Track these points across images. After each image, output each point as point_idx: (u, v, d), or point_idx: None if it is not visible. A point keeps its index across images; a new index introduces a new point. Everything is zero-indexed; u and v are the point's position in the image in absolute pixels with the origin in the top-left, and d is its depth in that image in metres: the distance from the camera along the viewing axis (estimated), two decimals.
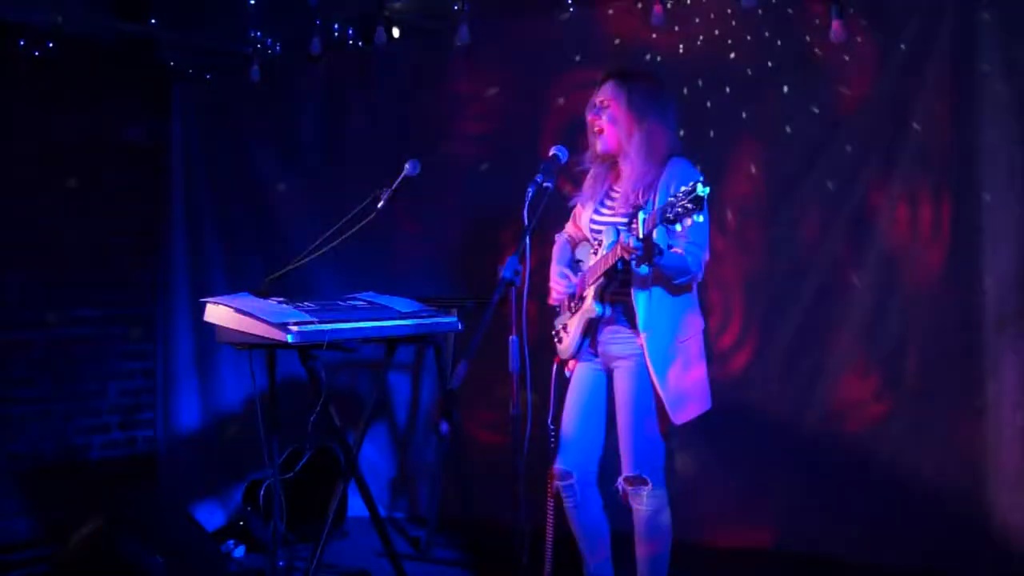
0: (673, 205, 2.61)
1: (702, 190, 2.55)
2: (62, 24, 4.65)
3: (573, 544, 3.22)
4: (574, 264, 3.32)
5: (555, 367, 3.26)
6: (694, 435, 4.20)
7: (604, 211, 3.17)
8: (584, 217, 3.23)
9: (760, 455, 4.14)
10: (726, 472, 4.20)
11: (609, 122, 3.09)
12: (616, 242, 2.92)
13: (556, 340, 3.27)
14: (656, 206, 2.92)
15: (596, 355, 3.17)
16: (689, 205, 2.58)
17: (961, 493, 3.74)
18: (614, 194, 3.17)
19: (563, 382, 3.24)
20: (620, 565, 3.26)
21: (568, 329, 3.20)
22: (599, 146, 3.13)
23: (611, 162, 3.19)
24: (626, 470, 3.04)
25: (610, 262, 2.94)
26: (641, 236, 2.73)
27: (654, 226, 2.69)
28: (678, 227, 2.64)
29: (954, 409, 3.78)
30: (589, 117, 3.15)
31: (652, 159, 3.04)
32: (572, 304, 3.21)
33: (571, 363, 3.23)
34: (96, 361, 5.18)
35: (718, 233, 4.08)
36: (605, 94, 3.11)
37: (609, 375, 3.14)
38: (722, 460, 4.21)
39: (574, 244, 3.37)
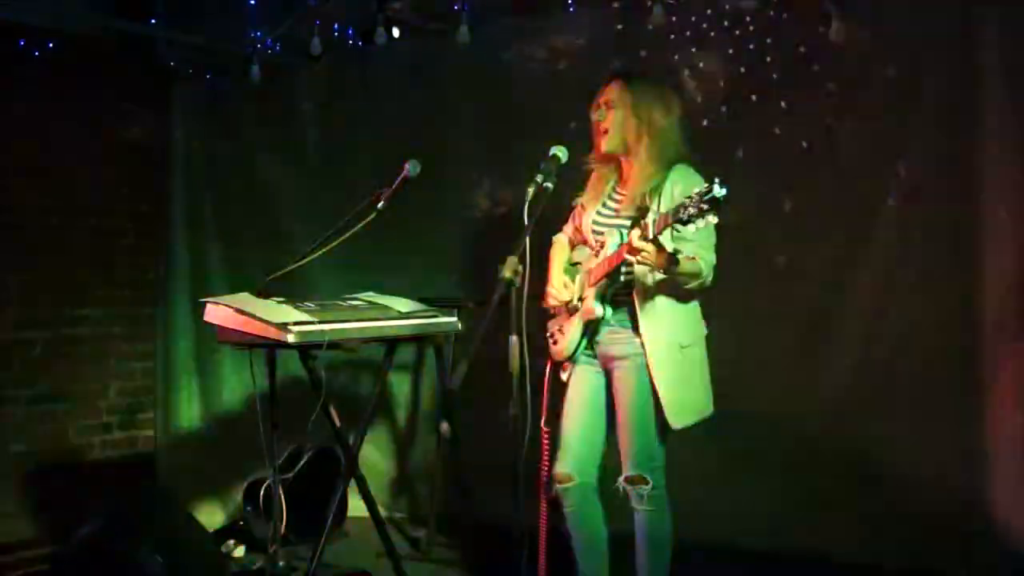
0: (687, 206, 2.59)
1: (719, 191, 2.53)
2: (62, 24, 4.65)
3: (569, 546, 3.21)
4: (571, 266, 3.30)
5: (548, 369, 3.25)
6: (694, 435, 4.20)
7: (606, 212, 3.16)
8: (586, 218, 3.22)
9: (760, 455, 4.14)
10: (726, 472, 4.20)
11: (614, 122, 3.08)
12: (621, 243, 2.91)
13: (551, 342, 3.25)
14: (661, 210, 2.92)
15: (595, 356, 3.16)
16: (704, 206, 2.56)
17: (961, 493, 3.74)
18: (617, 196, 3.16)
19: (557, 384, 3.22)
20: (619, 566, 3.25)
21: (565, 330, 3.19)
22: (603, 146, 3.12)
23: (615, 163, 3.18)
24: (626, 470, 3.03)
25: (614, 263, 2.93)
26: (651, 236, 2.72)
27: (665, 227, 2.68)
28: (692, 228, 2.62)
29: (954, 409, 3.78)
30: (594, 117, 3.14)
31: (659, 162, 3.03)
32: (570, 305, 3.20)
33: (566, 365, 3.22)
34: (96, 361, 5.18)
35: (719, 234, 4.08)
36: (611, 94, 3.10)
37: (608, 376, 3.14)
38: (722, 460, 4.21)
39: (572, 245, 3.36)
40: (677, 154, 3.07)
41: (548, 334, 3.27)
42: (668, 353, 3.00)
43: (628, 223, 3.02)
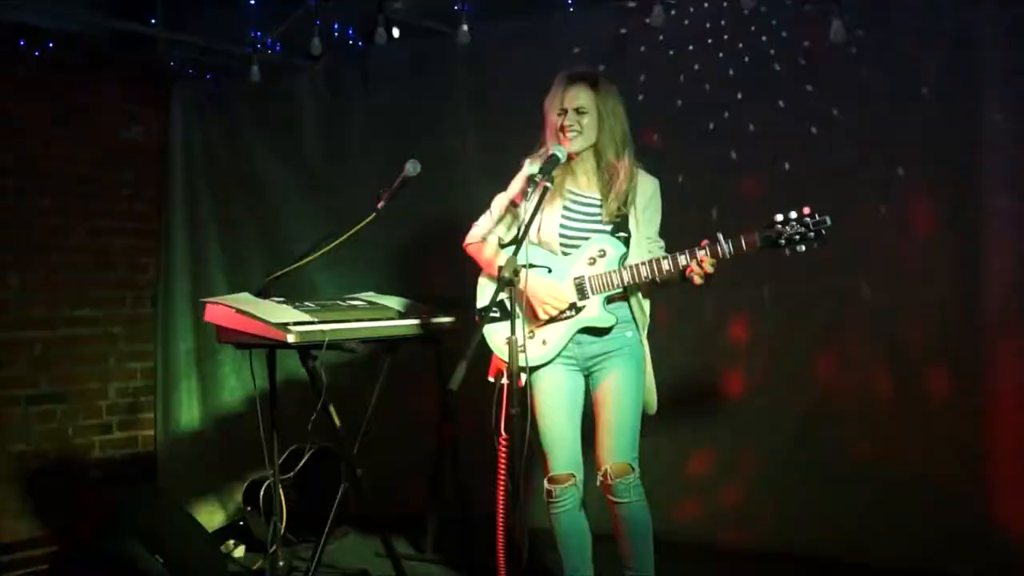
0: (785, 232, 2.74)
1: (830, 220, 2.68)
2: (62, 24, 4.65)
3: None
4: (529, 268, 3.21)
5: (506, 374, 2.91)
6: (694, 435, 4.21)
7: (578, 217, 3.12)
8: (548, 220, 3.11)
9: (760, 455, 4.14)
10: (726, 472, 4.20)
11: (587, 127, 3.07)
12: (624, 254, 3.01)
13: (519, 350, 3.03)
14: (639, 216, 3.04)
15: (572, 357, 3.12)
16: (811, 234, 2.71)
17: (961, 493, 3.74)
18: (583, 198, 3.13)
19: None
20: (605, 563, 3.25)
21: (546, 336, 3.10)
22: (573, 147, 3.08)
23: (567, 162, 3.12)
24: (610, 459, 3.01)
25: (653, 275, 2.96)
26: (725, 255, 2.86)
27: (750, 249, 2.82)
28: (787, 252, 2.76)
29: (954, 409, 3.78)
30: (564, 122, 3.08)
31: (635, 168, 3.11)
32: (559, 312, 3.10)
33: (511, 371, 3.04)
34: (96, 361, 5.18)
35: (715, 232, 4.08)
36: (580, 100, 3.07)
37: (586, 375, 3.14)
38: (721, 460, 4.21)
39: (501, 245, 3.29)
40: (635, 156, 3.16)
41: (520, 342, 3.00)
42: (643, 345, 3.15)
43: (610, 229, 3.07)
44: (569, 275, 3.09)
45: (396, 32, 4.64)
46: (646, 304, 3.15)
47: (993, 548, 3.66)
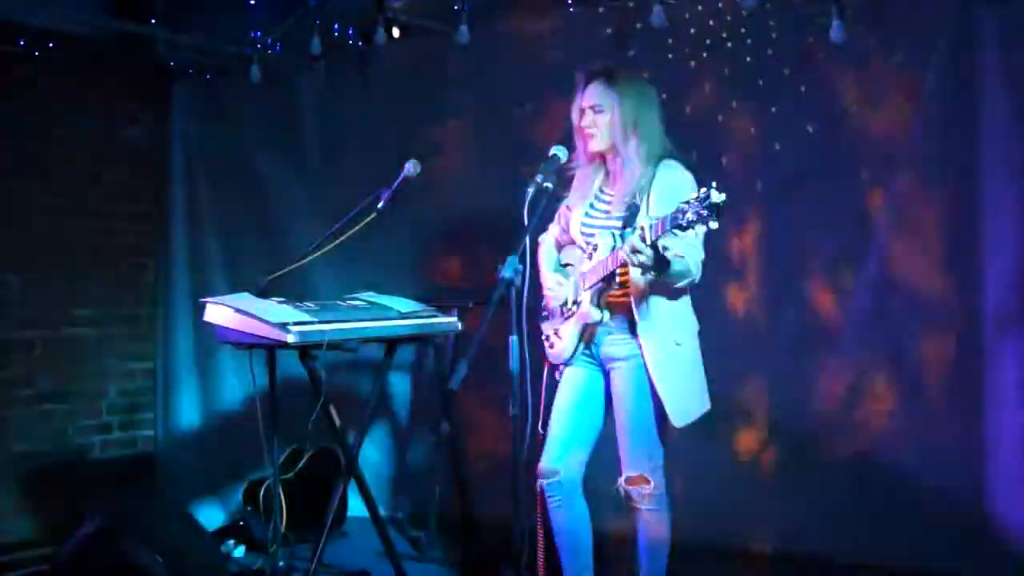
0: (684, 212, 2.54)
1: (717, 196, 2.48)
2: (62, 24, 4.65)
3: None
4: (562, 267, 3.28)
5: (546, 372, 3.23)
6: (694, 435, 4.20)
7: (596, 214, 3.13)
8: (574, 219, 3.19)
9: (760, 455, 4.14)
10: (726, 472, 4.20)
11: (603, 124, 3.04)
12: (616, 247, 2.91)
13: (548, 345, 3.22)
14: (652, 210, 2.91)
15: (592, 357, 3.14)
16: (704, 212, 2.50)
17: (961, 493, 3.74)
18: (605, 196, 3.13)
19: (555, 387, 3.20)
20: (612, 565, 3.25)
21: (561, 334, 3.16)
22: (591, 146, 3.08)
23: (599, 161, 3.16)
24: (627, 470, 3.03)
25: (610, 267, 2.91)
26: (649, 242, 2.69)
27: (663, 232, 2.64)
28: (691, 233, 2.58)
29: (954, 409, 3.78)
30: (578, 121, 3.09)
31: (648, 161, 3.01)
32: (565, 309, 3.16)
33: (561, 367, 3.20)
34: (96, 361, 5.18)
35: (717, 233, 4.08)
36: (594, 98, 3.05)
37: (606, 376, 3.13)
38: (722, 460, 4.21)
39: (559, 247, 3.35)
40: (663, 149, 3.05)
41: (544, 337, 3.25)
42: (665, 352, 2.98)
43: (619, 224, 3.01)
44: (578, 272, 3.13)
45: (396, 32, 4.64)
46: (658, 306, 2.98)
47: (993, 548, 3.66)
